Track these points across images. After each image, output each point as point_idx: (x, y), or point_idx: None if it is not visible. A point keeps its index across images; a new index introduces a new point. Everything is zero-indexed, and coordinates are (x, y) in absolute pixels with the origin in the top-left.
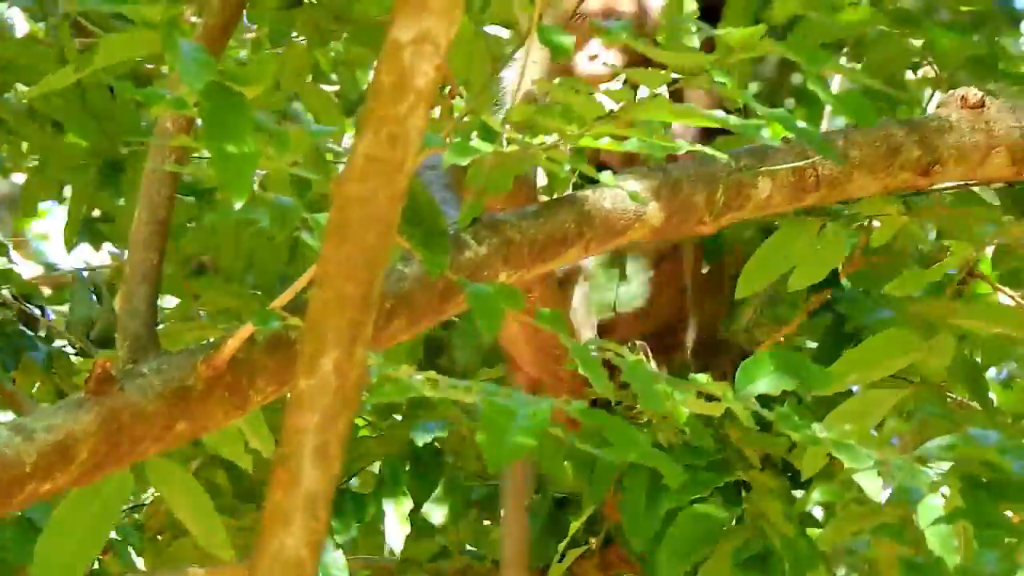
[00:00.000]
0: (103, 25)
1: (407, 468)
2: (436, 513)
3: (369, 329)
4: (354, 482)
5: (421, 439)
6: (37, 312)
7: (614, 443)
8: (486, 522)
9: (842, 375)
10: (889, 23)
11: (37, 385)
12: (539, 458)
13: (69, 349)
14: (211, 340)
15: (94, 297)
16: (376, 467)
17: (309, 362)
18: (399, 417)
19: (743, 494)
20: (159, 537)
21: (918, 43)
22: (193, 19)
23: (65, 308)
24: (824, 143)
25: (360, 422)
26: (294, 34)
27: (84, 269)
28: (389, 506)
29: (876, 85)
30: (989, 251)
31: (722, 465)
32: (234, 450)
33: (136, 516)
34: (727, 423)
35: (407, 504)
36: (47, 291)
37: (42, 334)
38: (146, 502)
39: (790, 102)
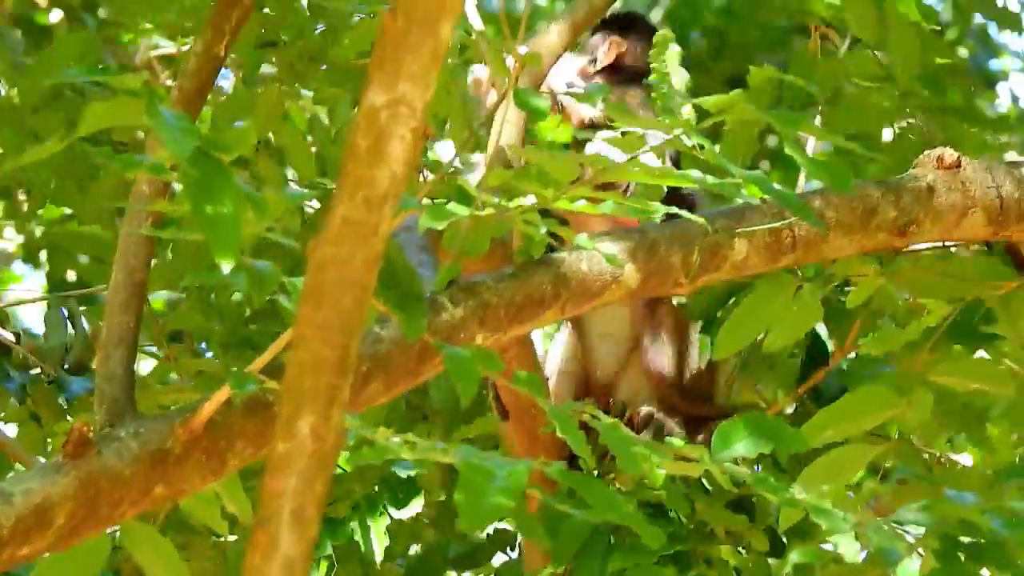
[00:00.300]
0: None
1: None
2: None
3: (346, 392)
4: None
5: (403, 472)
6: (12, 339)
7: (593, 504)
8: None
9: (819, 431)
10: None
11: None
12: (515, 520)
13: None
14: (188, 403)
15: (68, 323)
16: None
17: (286, 425)
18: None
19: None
20: None
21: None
22: (168, 83)
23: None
24: (802, 205)
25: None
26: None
27: (58, 294)
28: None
29: (852, 147)
30: None
31: (680, 537)
32: (210, 515)
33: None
34: (696, 493)
35: (384, 521)
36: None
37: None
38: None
39: (764, 164)
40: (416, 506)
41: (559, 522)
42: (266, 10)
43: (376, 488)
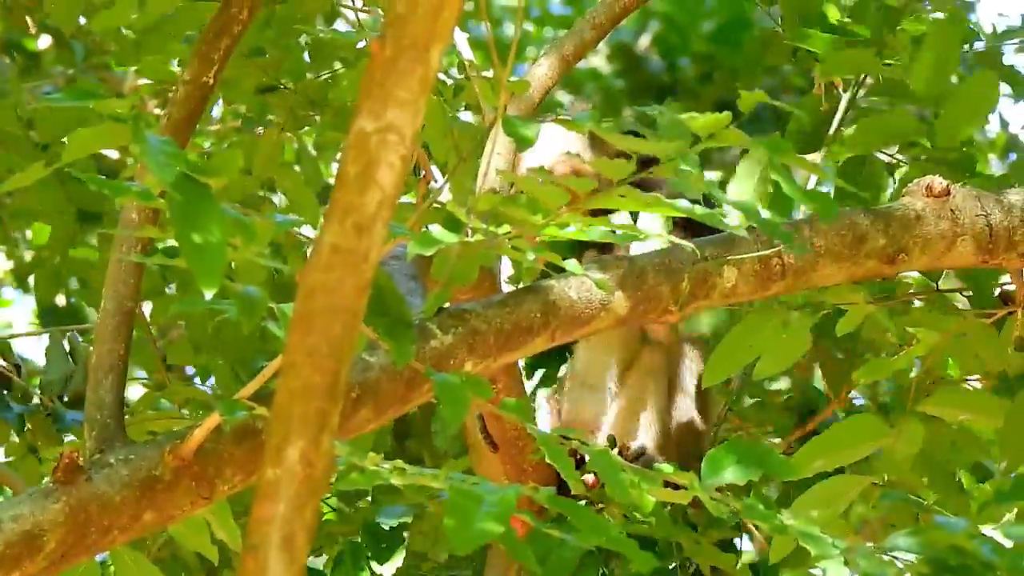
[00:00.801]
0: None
1: (367, 546)
2: None
3: (335, 418)
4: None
5: (387, 523)
6: (12, 370)
7: (582, 529)
8: None
9: (808, 460)
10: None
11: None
12: (506, 545)
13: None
14: (178, 430)
15: (69, 356)
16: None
17: (276, 452)
18: (367, 499)
19: None
20: None
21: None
22: (157, 111)
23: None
24: (789, 235)
25: (325, 508)
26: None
27: (60, 328)
28: None
29: (841, 183)
30: None
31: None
32: (200, 541)
33: None
34: (683, 532)
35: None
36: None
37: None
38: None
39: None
40: (398, 560)
41: (549, 549)
42: (266, 55)
43: (360, 539)
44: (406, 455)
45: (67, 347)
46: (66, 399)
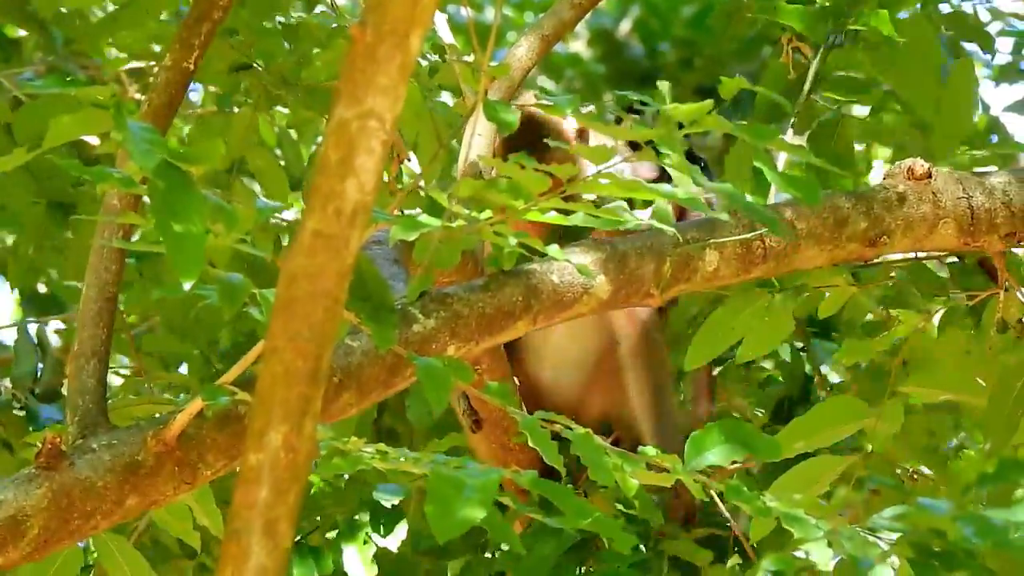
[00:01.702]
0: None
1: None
2: None
3: (318, 403)
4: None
5: (387, 500)
6: None
7: (565, 512)
8: None
9: (790, 442)
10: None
11: None
12: (490, 528)
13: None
14: (161, 415)
15: (38, 351)
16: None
17: (258, 437)
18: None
19: None
20: None
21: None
22: (137, 96)
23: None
24: (771, 218)
25: (318, 483)
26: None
27: (28, 322)
28: (351, 550)
29: (822, 164)
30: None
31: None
32: (182, 527)
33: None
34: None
35: (370, 549)
36: None
37: None
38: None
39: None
40: (401, 533)
41: (531, 545)
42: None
43: (356, 515)
44: (380, 430)
45: (35, 339)
46: (36, 392)
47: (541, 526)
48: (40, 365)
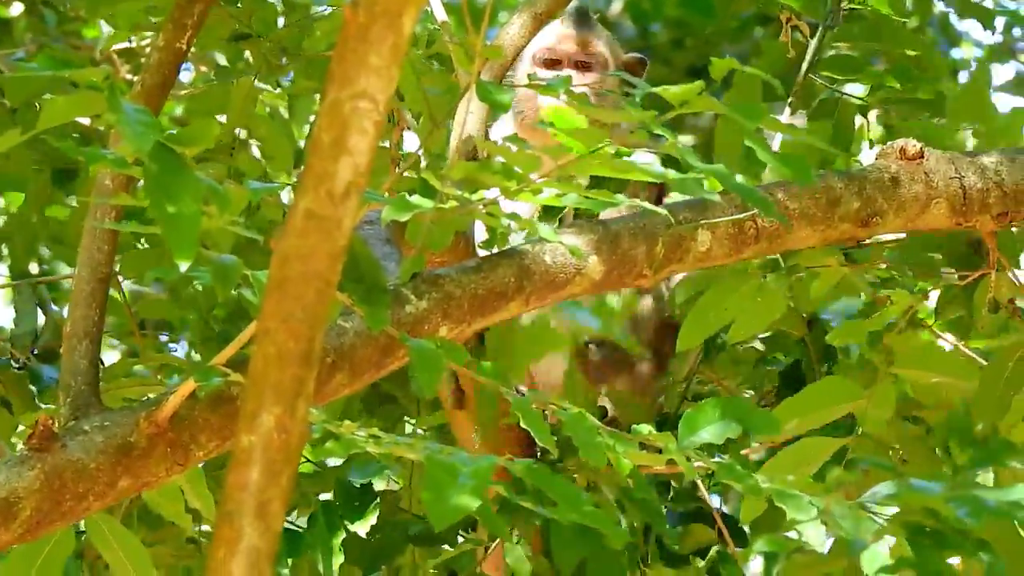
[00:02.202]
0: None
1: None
2: None
3: (311, 384)
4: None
5: (358, 480)
6: None
7: (557, 502)
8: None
9: (782, 422)
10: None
11: None
12: (482, 518)
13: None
14: (153, 396)
15: (39, 310)
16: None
17: (251, 418)
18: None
19: None
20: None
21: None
22: (129, 77)
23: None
24: (763, 200)
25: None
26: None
27: (28, 280)
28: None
29: (815, 143)
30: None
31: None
32: (174, 509)
33: None
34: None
35: (340, 535)
36: None
37: None
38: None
39: None
40: (372, 519)
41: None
42: (238, 5)
43: (333, 497)
44: (380, 394)
45: (35, 300)
46: (36, 352)
47: None
48: (40, 324)
